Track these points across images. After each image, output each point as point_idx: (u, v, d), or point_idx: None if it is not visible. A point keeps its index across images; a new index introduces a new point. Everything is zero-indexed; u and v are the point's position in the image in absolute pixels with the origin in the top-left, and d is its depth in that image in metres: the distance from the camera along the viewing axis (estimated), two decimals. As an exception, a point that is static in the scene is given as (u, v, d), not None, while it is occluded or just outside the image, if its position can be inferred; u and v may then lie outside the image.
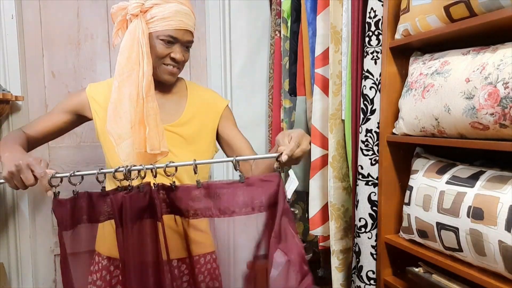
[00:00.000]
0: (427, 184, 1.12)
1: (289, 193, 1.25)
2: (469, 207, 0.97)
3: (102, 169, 0.99)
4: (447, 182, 1.06)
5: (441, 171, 1.11)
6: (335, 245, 1.45)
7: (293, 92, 1.78)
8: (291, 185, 1.30)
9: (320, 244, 1.59)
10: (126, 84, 1.09)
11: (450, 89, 1.02)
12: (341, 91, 1.43)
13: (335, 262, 1.46)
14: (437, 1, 1.07)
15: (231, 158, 0.94)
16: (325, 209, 1.52)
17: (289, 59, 1.81)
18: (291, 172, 1.49)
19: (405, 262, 1.25)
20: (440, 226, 1.05)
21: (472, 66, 0.99)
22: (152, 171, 0.94)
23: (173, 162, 0.97)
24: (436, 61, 1.12)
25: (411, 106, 1.15)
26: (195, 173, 0.94)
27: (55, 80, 1.92)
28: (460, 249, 1.01)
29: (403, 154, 1.29)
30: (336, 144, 1.43)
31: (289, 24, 1.83)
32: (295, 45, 1.75)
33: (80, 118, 1.26)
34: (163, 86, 1.22)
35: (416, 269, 1.17)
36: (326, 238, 1.55)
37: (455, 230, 1.00)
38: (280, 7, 1.93)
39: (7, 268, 1.83)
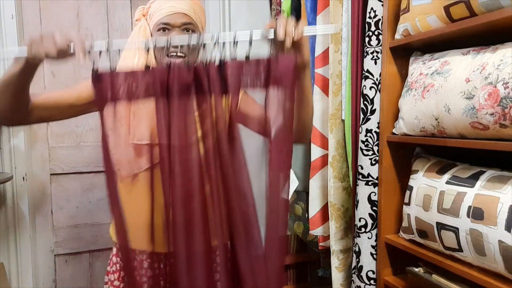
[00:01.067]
0: (427, 184, 1.12)
1: (289, 193, 1.25)
2: (469, 207, 0.97)
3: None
4: (447, 182, 1.06)
5: (441, 171, 1.11)
6: (335, 245, 1.45)
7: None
8: (291, 185, 1.30)
9: (320, 244, 1.59)
10: None
11: (450, 89, 1.02)
12: (341, 91, 1.43)
13: (335, 262, 1.46)
14: (437, 1, 1.07)
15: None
16: (325, 209, 1.52)
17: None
18: (291, 172, 1.49)
19: (405, 262, 1.25)
20: (440, 226, 1.05)
21: (472, 66, 0.99)
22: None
23: None
24: (436, 61, 1.12)
25: (411, 106, 1.15)
26: None
27: (55, 80, 1.92)
28: (460, 249, 1.01)
29: (403, 154, 1.29)
30: (336, 144, 1.43)
31: (289, 24, 1.82)
32: (295, 45, 1.75)
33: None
34: None
35: (416, 269, 1.17)
36: (326, 238, 1.55)
37: (455, 230, 1.00)
38: (280, 7, 1.93)
39: (7, 268, 1.83)
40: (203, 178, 0.98)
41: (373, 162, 1.29)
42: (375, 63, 1.28)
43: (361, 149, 1.31)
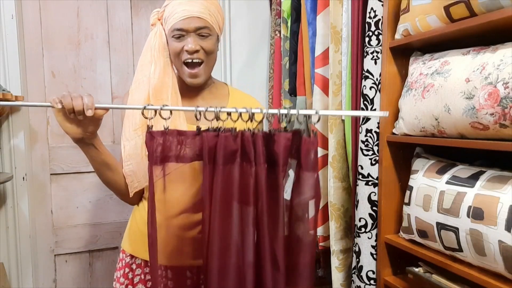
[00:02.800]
0: (427, 184, 1.12)
1: (289, 193, 1.25)
2: (469, 207, 0.97)
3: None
4: (447, 182, 1.06)
5: (441, 171, 1.11)
6: (335, 245, 1.45)
7: (293, 92, 1.78)
8: (291, 184, 1.30)
9: (320, 244, 1.59)
10: (138, 90, 1.11)
11: (450, 89, 1.02)
12: (341, 91, 1.43)
13: (335, 262, 1.46)
14: (437, 1, 1.07)
15: (313, 111, 0.95)
16: (325, 209, 1.52)
17: (289, 59, 1.81)
18: (291, 172, 1.49)
19: (405, 262, 1.25)
20: (440, 226, 1.05)
21: (472, 66, 0.99)
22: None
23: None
24: (436, 61, 1.12)
25: (411, 106, 1.15)
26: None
27: (55, 80, 1.92)
28: (460, 249, 1.01)
29: (403, 154, 1.29)
30: (336, 144, 1.43)
31: (289, 24, 1.83)
32: (295, 45, 1.75)
33: None
34: (203, 90, 1.21)
35: (416, 269, 1.17)
36: (326, 238, 1.55)
37: (455, 230, 1.00)
38: (280, 7, 1.93)
39: (7, 268, 1.83)
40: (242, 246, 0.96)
41: (373, 162, 1.29)
42: (375, 63, 1.28)
43: (361, 149, 1.31)
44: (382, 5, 1.26)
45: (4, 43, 1.76)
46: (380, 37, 1.27)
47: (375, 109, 1.29)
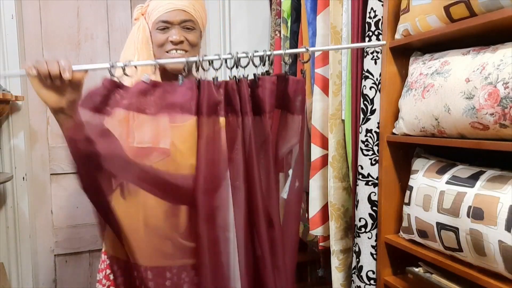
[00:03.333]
0: (427, 184, 1.12)
1: (287, 192, 1.25)
2: (469, 207, 0.97)
3: None
4: (447, 182, 1.06)
5: (441, 171, 1.11)
6: (335, 245, 1.45)
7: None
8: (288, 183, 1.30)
9: (320, 244, 1.59)
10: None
11: (450, 89, 1.02)
12: (341, 91, 1.43)
13: (335, 262, 1.46)
14: (437, 1, 1.07)
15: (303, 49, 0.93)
16: (325, 209, 1.52)
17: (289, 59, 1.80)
18: (291, 172, 1.49)
19: (405, 262, 1.25)
20: (440, 226, 1.05)
21: (472, 66, 0.99)
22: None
23: None
24: (436, 61, 1.12)
25: (411, 106, 1.15)
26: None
27: (55, 80, 1.92)
28: (460, 249, 1.01)
29: (403, 154, 1.29)
30: (336, 144, 1.43)
31: (289, 24, 1.83)
32: (295, 45, 1.75)
33: None
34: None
35: (416, 269, 1.17)
36: (326, 238, 1.55)
37: (455, 230, 1.00)
38: (280, 7, 1.93)
39: (7, 268, 1.83)
40: (231, 198, 0.96)
41: (373, 162, 1.29)
42: (375, 63, 1.28)
43: (361, 149, 1.31)
44: (382, 5, 1.26)
45: (4, 43, 1.76)
46: (380, 37, 1.27)
47: (375, 109, 1.29)
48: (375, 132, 1.29)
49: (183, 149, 1.03)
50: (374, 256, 1.31)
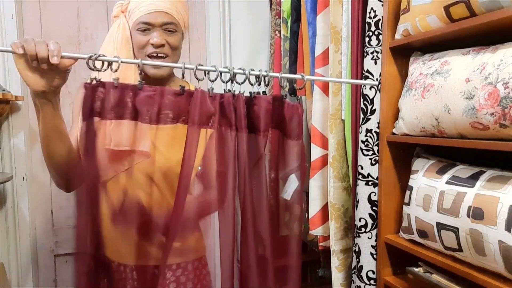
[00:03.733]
0: (427, 184, 1.12)
1: (289, 194, 1.25)
2: (469, 207, 0.97)
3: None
4: (447, 182, 1.06)
5: (441, 171, 1.11)
6: (335, 245, 1.45)
7: (293, 92, 1.78)
8: (291, 185, 1.30)
9: (320, 244, 1.59)
10: None
11: (450, 89, 1.02)
12: (341, 91, 1.43)
13: (335, 262, 1.46)
14: (437, 1, 1.07)
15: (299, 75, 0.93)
16: (325, 209, 1.52)
17: (289, 59, 1.81)
18: (292, 176, 1.49)
19: (405, 262, 1.25)
20: (440, 226, 1.05)
21: (472, 66, 0.99)
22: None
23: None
24: (436, 61, 1.12)
25: (411, 106, 1.15)
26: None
27: (55, 80, 1.92)
28: (460, 249, 1.01)
29: (403, 154, 1.29)
30: (336, 144, 1.43)
31: (289, 24, 1.83)
32: (295, 45, 1.75)
33: None
34: (164, 86, 1.20)
35: (416, 269, 1.17)
36: (326, 238, 1.55)
37: (455, 230, 1.00)
38: (280, 7, 1.93)
39: (7, 268, 1.83)
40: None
41: (373, 162, 1.29)
42: (375, 63, 1.28)
43: (361, 149, 1.31)
44: (382, 5, 1.26)
45: (4, 43, 1.76)
46: (380, 37, 1.27)
47: (375, 109, 1.28)
48: (375, 132, 1.29)
49: (165, 152, 1.02)
50: (374, 256, 1.31)
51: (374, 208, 1.30)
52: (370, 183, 1.30)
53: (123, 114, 0.89)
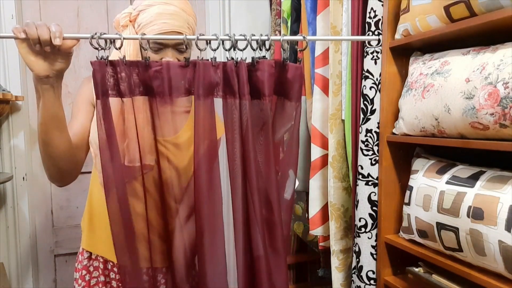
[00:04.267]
0: (427, 184, 1.12)
1: (290, 194, 1.25)
2: (469, 207, 0.97)
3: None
4: (447, 182, 1.06)
5: (441, 171, 1.11)
6: (335, 245, 1.45)
7: (294, 60, 1.77)
8: (292, 185, 1.30)
9: (320, 244, 1.59)
10: None
11: (450, 89, 1.02)
12: (341, 91, 1.43)
13: (335, 262, 1.46)
14: (437, 1, 1.07)
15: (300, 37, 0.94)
16: (325, 209, 1.52)
17: (289, 59, 1.81)
18: (291, 171, 1.49)
19: (405, 262, 1.25)
20: (440, 226, 1.05)
21: (472, 66, 0.99)
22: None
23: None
24: (436, 61, 1.12)
25: (411, 106, 1.15)
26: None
27: (55, 80, 1.92)
28: (460, 249, 1.01)
29: (403, 154, 1.29)
30: (336, 144, 1.43)
31: (289, 24, 1.83)
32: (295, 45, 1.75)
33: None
34: None
35: (416, 269, 1.17)
36: (326, 238, 1.55)
37: (455, 230, 1.00)
38: (280, 7, 1.93)
39: (7, 268, 1.83)
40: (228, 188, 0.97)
41: (373, 162, 1.29)
42: (375, 63, 1.28)
43: (361, 149, 1.31)
44: (382, 5, 1.26)
45: (4, 43, 1.76)
46: (380, 37, 1.27)
47: (375, 109, 1.29)
48: (375, 132, 1.29)
49: (179, 142, 1.03)
50: (374, 256, 1.31)
51: (374, 208, 1.30)
52: (370, 183, 1.30)
53: (134, 91, 0.91)
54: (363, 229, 1.32)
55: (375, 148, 1.29)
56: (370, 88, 1.28)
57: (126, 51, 1.08)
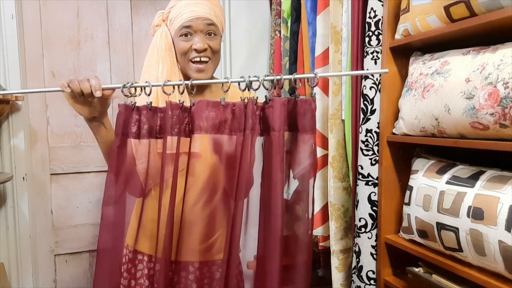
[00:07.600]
0: (427, 184, 1.12)
1: (289, 193, 1.25)
2: (469, 207, 0.97)
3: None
4: (447, 182, 1.06)
5: (441, 171, 1.11)
6: (335, 245, 1.45)
7: (293, 92, 1.78)
8: (291, 185, 1.30)
9: (320, 244, 1.59)
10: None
11: (450, 89, 1.02)
12: (341, 91, 1.43)
13: (335, 262, 1.46)
14: (437, 1, 1.07)
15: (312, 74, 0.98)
16: (325, 209, 1.52)
17: (289, 59, 1.81)
18: (291, 171, 1.49)
19: (405, 262, 1.25)
20: (440, 226, 1.05)
21: (472, 66, 0.99)
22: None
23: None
24: (436, 61, 1.12)
25: (411, 106, 1.15)
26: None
27: (55, 80, 1.92)
28: (460, 249, 1.01)
29: (403, 154, 1.29)
30: (336, 144, 1.43)
31: (289, 24, 1.83)
32: (295, 45, 1.75)
33: None
34: (205, 88, 1.22)
35: (416, 269, 1.17)
36: (326, 238, 1.55)
37: (455, 230, 1.00)
38: (280, 7, 1.93)
39: (7, 268, 1.83)
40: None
41: (373, 162, 1.29)
42: (375, 63, 1.28)
43: (361, 149, 1.31)
44: (382, 5, 1.26)
45: (4, 43, 1.76)
46: (380, 37, 1.27)
47: (375, 109, 1.29)
48: (375, 132, 1.29)
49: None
50: (374, 256, 1.31)
51: (374, 208, 1.30)
52: (370, 183, 1.30)
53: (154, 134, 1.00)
54: (363, 229, 1.31)
55: (375, 148, 1.29)
56: (370, 88, 1.28)
57: (159, 46, 1.15)
